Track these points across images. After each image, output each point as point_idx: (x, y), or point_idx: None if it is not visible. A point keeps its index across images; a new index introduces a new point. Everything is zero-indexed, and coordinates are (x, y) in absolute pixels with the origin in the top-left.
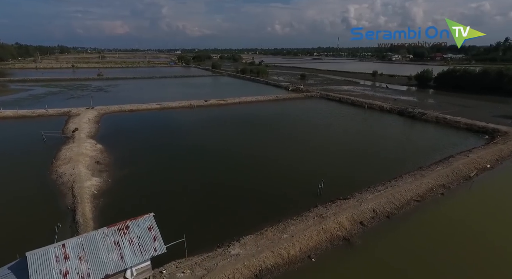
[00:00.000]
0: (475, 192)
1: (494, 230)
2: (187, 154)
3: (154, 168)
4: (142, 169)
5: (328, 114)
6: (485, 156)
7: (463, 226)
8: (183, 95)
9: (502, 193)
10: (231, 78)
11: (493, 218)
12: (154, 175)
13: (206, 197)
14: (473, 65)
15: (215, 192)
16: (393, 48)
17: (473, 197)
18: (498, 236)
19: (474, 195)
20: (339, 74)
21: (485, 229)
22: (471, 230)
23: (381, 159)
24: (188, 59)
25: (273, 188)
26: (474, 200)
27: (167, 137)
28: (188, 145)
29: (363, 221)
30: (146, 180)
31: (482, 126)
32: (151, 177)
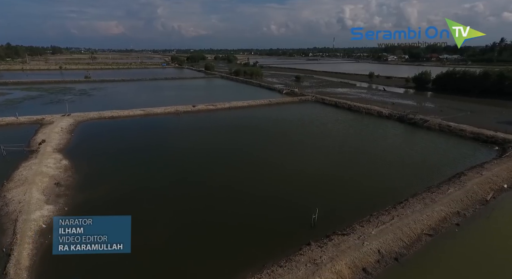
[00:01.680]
0: (495, 220)
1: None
2: (164, 172)
3: (126, 190)
4: (112, 192)
5: (324, 122)
6: (500, 174)
7: (487, 266)
8: (172, 99)
9: None
10: (223, 80)
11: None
12: (123, 201)
13: (176, 234)
14: (469, 66)
15: (189, 225)
16: (389, 48)
17: (494, 227)
18: None
19: (494, 225)
20: (335, 76)
21: (509, 268)
22: (497, 272)
23: (384, 177)
24: (181, 60)
25: (259, 219)
26: (495, 232)
27: (147, 149)
28: (167, 161)
29: (366, 267)
30: (115, 207)
31: (490, 136)
32: (120, 203)
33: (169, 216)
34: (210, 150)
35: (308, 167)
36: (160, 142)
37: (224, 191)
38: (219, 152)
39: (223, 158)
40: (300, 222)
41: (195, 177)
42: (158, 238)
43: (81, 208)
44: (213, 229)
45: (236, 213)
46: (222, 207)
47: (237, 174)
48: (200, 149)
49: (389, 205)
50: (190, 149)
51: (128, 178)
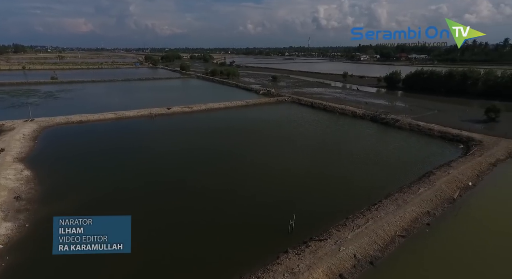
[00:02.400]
0: (462, 218)
1: (487, 265)
2: (137, 178)
3: (97, 200)
4: (81, 202)
5: (301, 123)
6: (465, 172)
7: (457, 264)
8: (146, 101)
9: (490, 219)
10: (199, 81)
11: (485, 251)
12: (94, 212)
13: (147, 240)
14: (435, 65)
15: (162, 232)
16: (361, 48)
17: (461, 225)
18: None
19: (461, 223)
20: (311, 75)
21: (478, 265)
22: (465, 269)
23: (360, 178)
24: (156, 59)
25: (235, 226)
26: (463, 229)
27: (119, 155)
28: (141, 166)
29: (343, 273)
30: None
31: (456, 134)
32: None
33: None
34: (185, 153)
35: (286, 169)
36: (133, 147)
37: (199, 196)
38: (195, 154)
39: (199, 161)
40: (277, 228)
41: (170, 181)
42: None
43: (44, 224)
44: (187, 239)
45: (212, 221)
46: (196, 215)
47: (212, 177)
48: (176, 152)
49: (364, 207)
50: (165, 152)
51: (99, 186)
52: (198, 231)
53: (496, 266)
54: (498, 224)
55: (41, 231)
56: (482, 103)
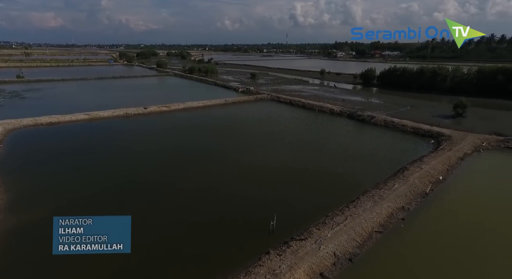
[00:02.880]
0: (435, 212)
1: (460, 256)
2: (115, 180)
3: (71, 205)
4: (54, 209)
5: (281, 121)
6: (437, 167)
7: (432, 258)
8: (121, 100)
9: (460, 211)
10: (177, 79)
11: (457, 242)
12: None
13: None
14: (408, 62)
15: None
16: (338, 45)
17: (434, 218)
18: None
19: (434, 216)
20: (289, 73)
21: (451, 256)
22: (439, 262)
23: (339, 174)
24: (131, 56)
25: (216, 227)
26: (436, 222)
27: (94, 157)
28: (116, 169)
29: (323, 271)
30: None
31: (427, 130)
32: None
33: None
34: (164, 152)
35: (267, 167)
36: (109, 148)
37: (178, 196)
38: (175, 154)
39: (179, 160)
40: (259, 229)
41: (148, 181)
42: None
43: (12, 235)
44: (164, 241)
45: (192, 222)
46: (175, 216)
47: (192, 177)
48: (154, 152)
49: (343, 204)
50: (143, 152)
51: (73, 190)
52: (177, 232)
53: (468, 256)
54: (468, 215)
55: (9, 245)
56: (450, 98)
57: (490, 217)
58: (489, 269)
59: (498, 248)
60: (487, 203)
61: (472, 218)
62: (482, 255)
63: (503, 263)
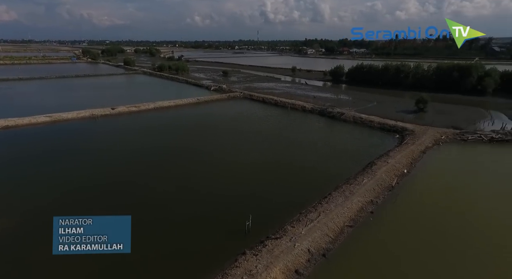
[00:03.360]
0: (401, 204)
1: (426, 245)
2: (81, 185)
3: (36, 211)
4: (20, 222)
5: (254, 119)
6: (401, 160)
7: (399, 248)
8: (87, 100)
9: (423, 202)
10: (147, 77)
11: (423, 232)
12: (36, 226)
13: None
14: (374, 59)
15: None
16: (308, 42)
17: (400, 210)
18: (427, 257)
19: (400, 208)
20: (261, 70)
21: (418, 246)
22: (406, 252)
23: (312, 171)
24: (95, 53)
25: (191, 229)
26: (402, 213)
27: (57, 162)
28: (83, 171)
29: (298, 268)
30: (27, 238)
31: (392, 125)
32: (33, 233)
33: None
34: (135, 153)
35: (242, 165)
36: (73, 152)
37: (150, 197)
38: (146, 154)
39: (151, 161)
40: (234, 229)
41: (117, 182)
42: None
43: None
44: (139, 243)
45: (167, 224)
46: (149, 218)
47: (165, 177)
48: (124, 153)
49: (316, 201)
50: (112, 154)
51: (34, 195)
52: (149, 235)
53: (434, 244)
54: (431, 205)
55: None
56: (413, 94)
57: (451, 206)
58: (457, 254)
59: (462, 233)
60: (448, 192)
61: (435, 207)
62: (448, 242)
63: (469, 246)
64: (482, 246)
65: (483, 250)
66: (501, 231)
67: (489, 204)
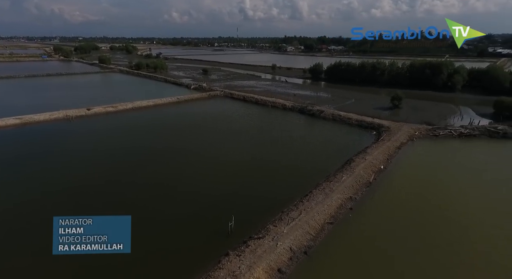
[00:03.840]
0: (378, 199)
1: (404, 239)
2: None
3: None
4: None
5: (235, 118)
6: (378, 157)
7: (378, 242)
8: (60, 101)
9: (400, 197)
10: (123, 75)
11: (401, 226)
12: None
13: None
14: (351, 56)
15: None
16: (287, 39)
17: (378, 205)
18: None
19: (378, 203)
20: (241, 67)
21: (397, 240)
22: (386, 246)
23: (292, 169)
24: (68, 50)
25: (174, 231)
26: (380, 209)
27: (28, 166)
28: (52, 178)
29: (281, 267)
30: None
31: (369, 122)
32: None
33: None
34: (111, 154)
35: (224, 165)
36: (45, 155)
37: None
38: (124, 155)
39: (129, 162)
40: (217, 230)
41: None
42: None
43: None
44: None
45: (151, 226)
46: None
47: (146, 178)
48: (102, 154)
49: (297, 199)
50: (89, 156)
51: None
52: (133, 236)
53: (412, 237)
54: (407, 200)
55: None
56: (388, 91)
57: (426, 199)
58: (434, 247)
59: (439, 223)
60: (422, 186)
61: (411, 201)
62: (425, 233)
63: (446, 239)
64: (459, 235)
65: (460, 239)
66: (475, 219)
67: (462, 196)
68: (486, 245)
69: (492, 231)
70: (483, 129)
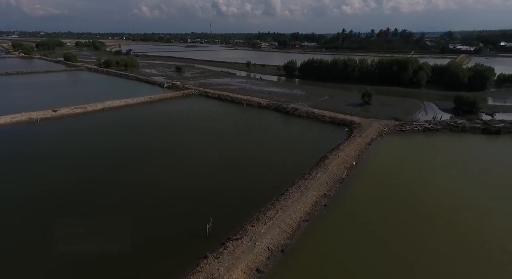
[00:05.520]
0: (350, 194)
1: (379, 235)
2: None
3: None
4: None
5: (211, 116)
6: (350, 153)
7: (352, 237)
8: (22, 102)
9: (371, 192)
10: (92, 74)
11: (374, 219)
12: None
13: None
14: (324, 53)
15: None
16: (261, 35)
17: (351, 200)
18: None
19: (351, 199)
20: (216, 65)
21: (370, 233)
22: (360, 240)
23: (269, 167)
24: (28, 47)
25: (152, 236)
26: (352, 204)
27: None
28: (17, 192)
29: (259, 267)
30: None
31: (342, 119)
32: None
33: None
34: (81, 157)
35: (202, 163)
36: (8, 160)
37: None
38: (95, 158)
39: (101, 163)
40: (196, 233)
41: (57, 189)
42: None
43: None
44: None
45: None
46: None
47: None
48: (68, 158)
49: (274, 198)
50: (53, 161)
51: None
52: (114, 242)
53: (385, 229)
54: (378, 194)
55: None
56: (359, 87)
57: (398, 193)
58: (407, 239)
59: (409, 214)
60: (391, 179)
61: (381, 194)
62: (397, 224)
63: (418, 230)
64: (431, 224)
65: (433, 228)
66: (444, 208)
67: (430, 187)
68: (447, 220)
69: (454, 211)
70: (445, 124)
